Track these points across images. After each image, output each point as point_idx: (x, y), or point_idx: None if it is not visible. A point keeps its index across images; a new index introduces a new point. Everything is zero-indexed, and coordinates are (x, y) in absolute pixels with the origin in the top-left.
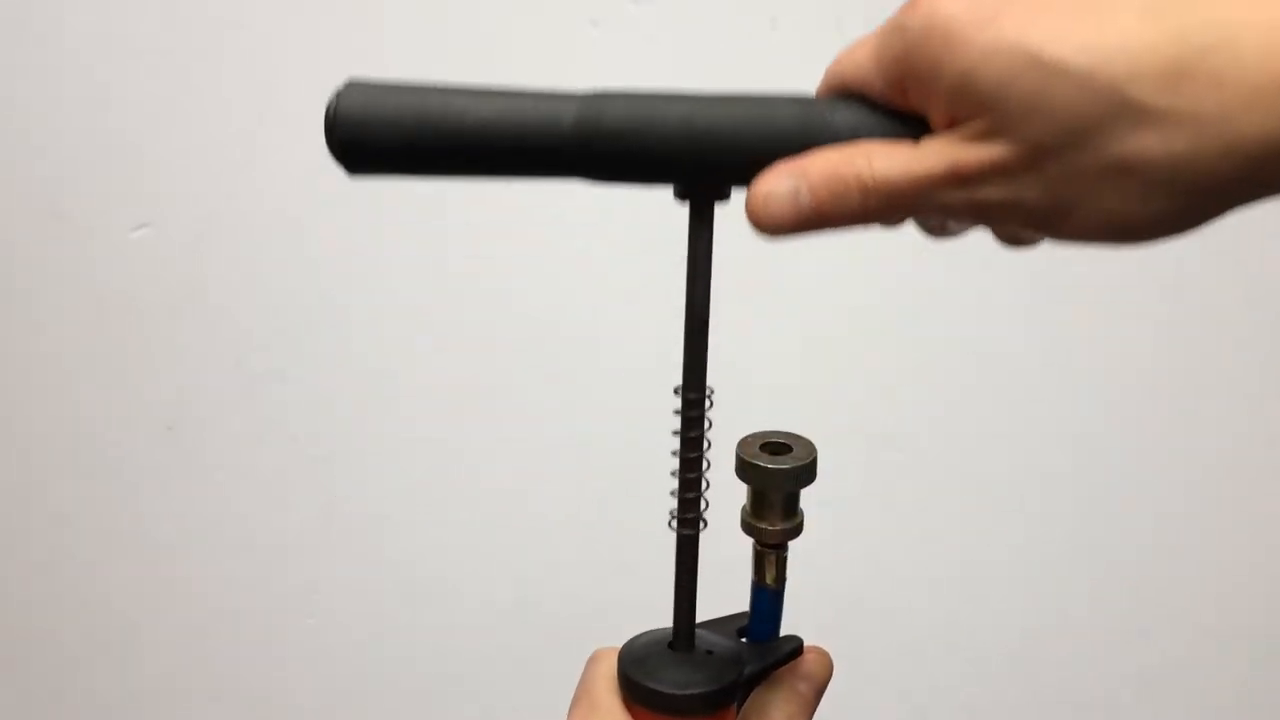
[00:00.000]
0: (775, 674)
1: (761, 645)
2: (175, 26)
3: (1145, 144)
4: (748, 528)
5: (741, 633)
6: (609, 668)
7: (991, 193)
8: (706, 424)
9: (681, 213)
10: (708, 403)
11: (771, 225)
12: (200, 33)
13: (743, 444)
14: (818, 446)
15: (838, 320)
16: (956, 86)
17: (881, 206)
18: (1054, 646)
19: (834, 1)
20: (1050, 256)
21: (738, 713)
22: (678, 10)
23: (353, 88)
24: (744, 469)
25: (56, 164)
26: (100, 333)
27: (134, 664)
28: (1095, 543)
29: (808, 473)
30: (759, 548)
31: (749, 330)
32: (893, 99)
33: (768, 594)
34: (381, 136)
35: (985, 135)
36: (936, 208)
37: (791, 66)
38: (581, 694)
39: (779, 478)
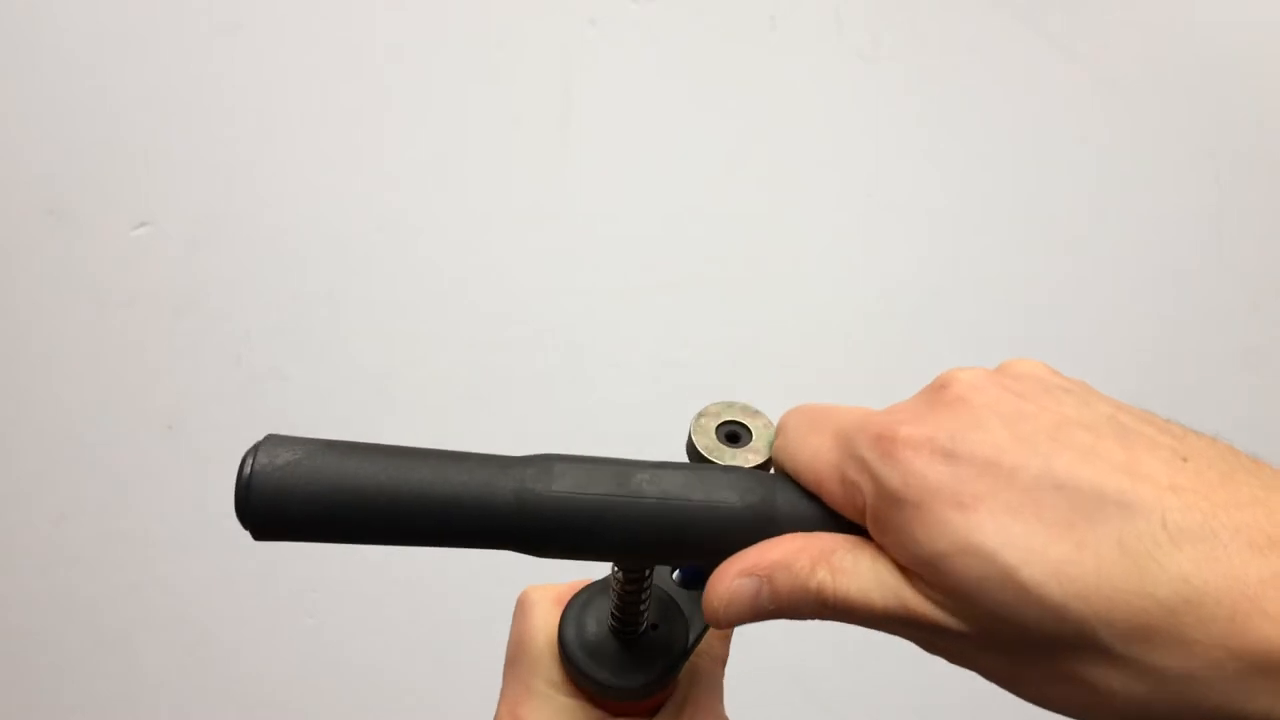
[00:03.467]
0: None
1: (700, 594)
2: (176, 27)
3: (1105, 679)
4: None
5: (674, 568)
6: (547, 625)
7: (946, 646)
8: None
9: (690, 209)
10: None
11: (728, 622)
12: (201, 33)
13: (698, 427)
14: None
15: (839, 318)
16: (921, 561)
17: (837, 618)
18: None
19: (833, 1)
20: (1048, 255)
21: None
22: (677, 10)
23: (266, 458)
24: (698, 458)
25: (56, 163)
26: (100, 333)
27: (134, 664)
28: None
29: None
30: None
31: (749, 328)
32: (848, 516)
33: None
34: (300, 514)
35: (946, 607)
36: (890, 632)
37: (791, 65)
38: (518, 652)
39: None
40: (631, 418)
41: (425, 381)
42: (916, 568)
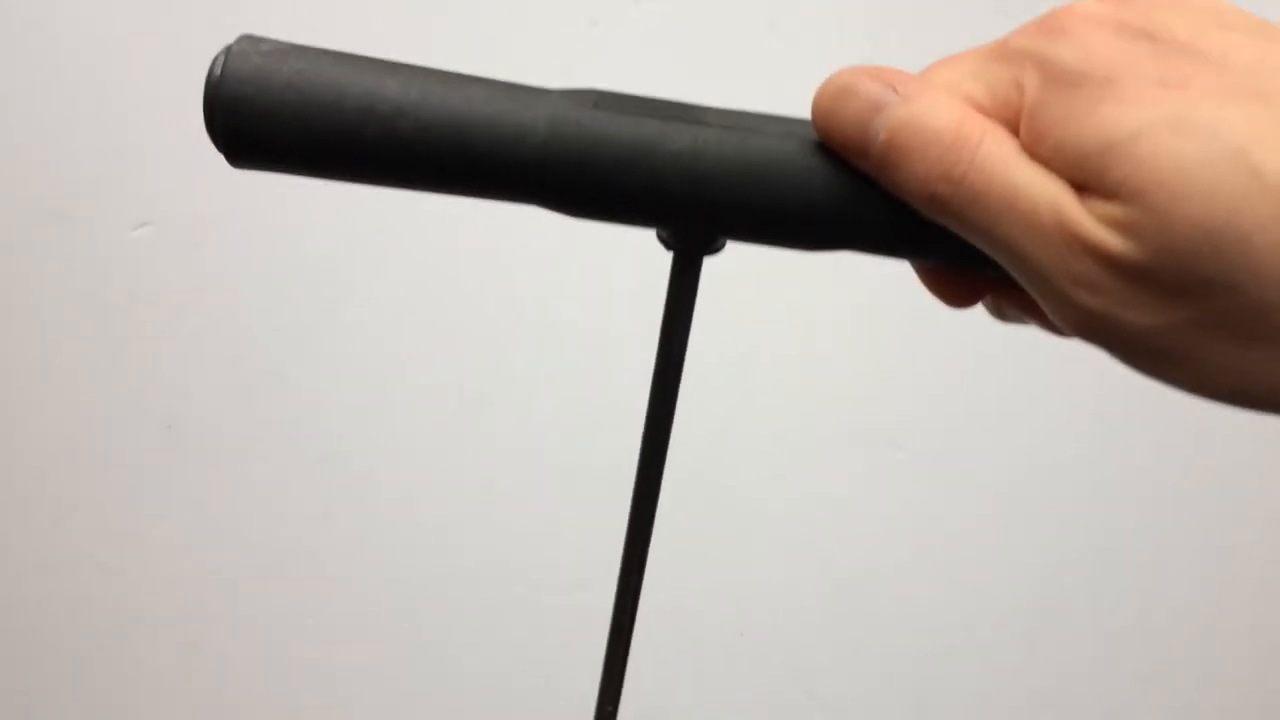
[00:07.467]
0: None
1: None
2: (175, 26)
3: None
4: None
5: None
6: None
7: (1091, 294)
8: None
9: None
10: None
11: (824, 123)
12: (200, 32)
13: None
14: (817, 446)
15: (838, 318)
16: (1103, 151)
17: (952, 198)
18: (1054, 644)
19: (833, 2)
20: None
21: None
22: (677, 10)
23: (247, 45)
24: None
25: (56, 163)
26: (100, 332)
27: (134, 664)
28: (1096, 541)
29: None
30: None
31: (748, 329)
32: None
33: None
34: (284, 122)
35: (1121, 226)
36: (1010, 258)
37: (790, 66)
38: None
39: None
40: (634, 419)
41: (427, 381)
42: (1095, 162)
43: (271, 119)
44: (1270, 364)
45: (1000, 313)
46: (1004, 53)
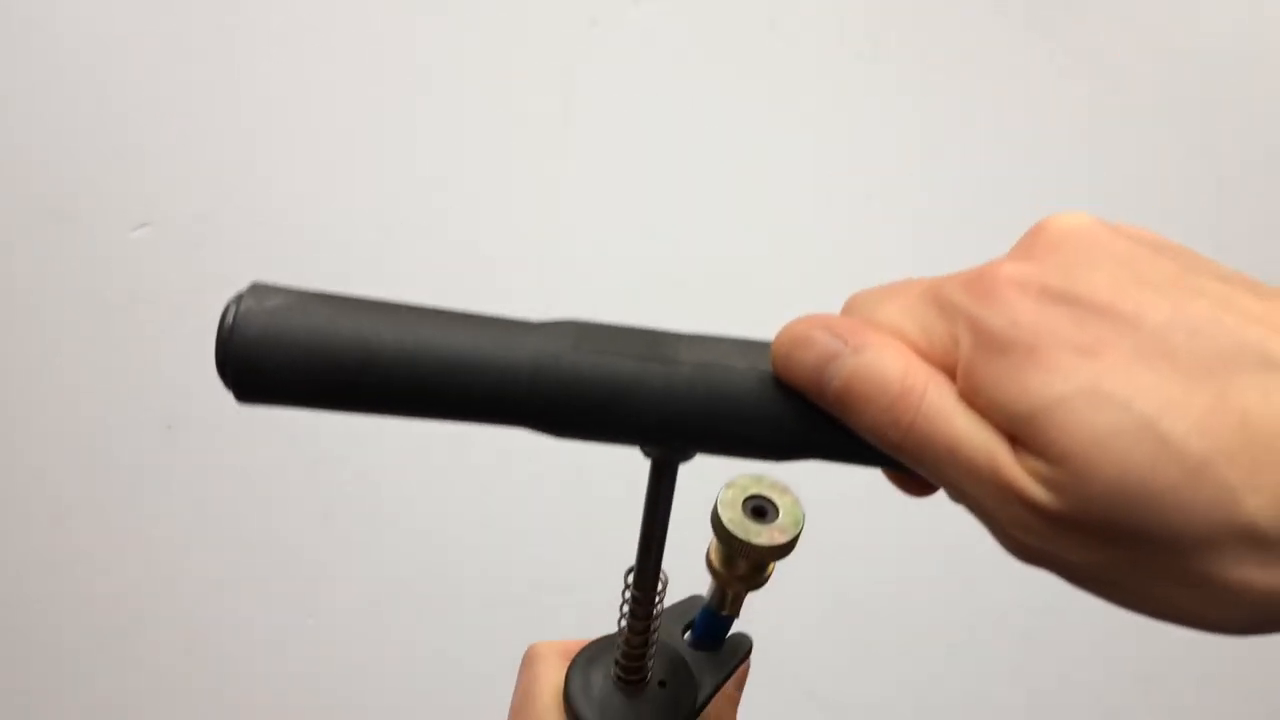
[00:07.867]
0: None
1: (710, 655)
2: (175, 27)
3: (1243, 571)
4: (712, 570)
5: (687, 627)
6: (552, 680)
7: (1026, 534)
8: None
9: (690, 208)
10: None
11: (784, 368)
12: (200, 33)
13: (724, 501)
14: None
15: None
16: (1030, 414)
17: (902, 443)
18: (1054, 644)
19: (832, 3)
20: None
21: None
22: (677, 10)
23: (254, 302)
24: (722, 532)
25: (56, 164)
26: (100, 332)
27: (134, 664)
28: None
29: (788, 549)
30: (719, 584)
31: (747, 328)
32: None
33: (722, 620)
34: (290, 364)
35: (1048, 482)
36: (956, 494)
37: (790, 66)
38: (524, 706)
39: (759, 553)
40: None
41: None
42: (1022, 425)
43: (277, 373)
44: (1187, 598)
45: (958, 500)
46: (940, 303)
